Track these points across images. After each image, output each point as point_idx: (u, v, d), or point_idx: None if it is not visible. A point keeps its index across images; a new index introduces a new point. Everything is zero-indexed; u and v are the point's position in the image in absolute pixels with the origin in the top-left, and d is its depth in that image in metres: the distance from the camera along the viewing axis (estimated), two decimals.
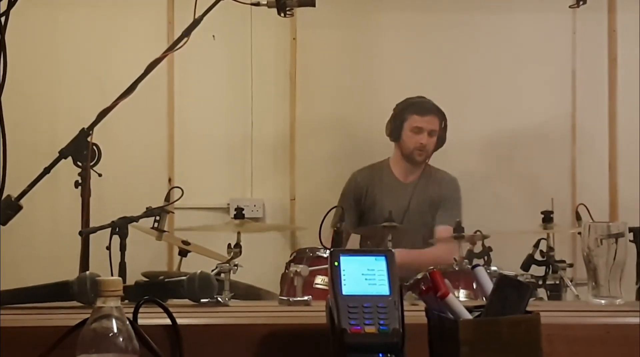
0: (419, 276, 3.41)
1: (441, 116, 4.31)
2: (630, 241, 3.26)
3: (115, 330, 1.39)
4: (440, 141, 4.33)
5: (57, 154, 3.03)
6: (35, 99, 4.69)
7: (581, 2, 3.74)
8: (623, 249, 2.18)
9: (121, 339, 1.39)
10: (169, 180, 4.75)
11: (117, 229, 3.13)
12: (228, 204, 4.75)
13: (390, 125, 4.34)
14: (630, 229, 3.32)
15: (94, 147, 3.07)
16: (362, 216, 4.36)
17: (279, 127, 4.86)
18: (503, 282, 1.55)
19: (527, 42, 4.86)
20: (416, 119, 4.28)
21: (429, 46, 4.89)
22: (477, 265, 1.64)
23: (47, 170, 2.99)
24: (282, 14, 3.27)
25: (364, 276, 1.54)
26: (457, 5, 4.87)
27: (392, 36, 4.90)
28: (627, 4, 4.83)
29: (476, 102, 4.83)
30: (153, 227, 3.38)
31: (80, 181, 3.07)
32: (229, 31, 4.76)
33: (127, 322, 1.41)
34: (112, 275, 3.11)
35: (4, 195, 1.55)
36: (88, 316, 1.42)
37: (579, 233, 2.26)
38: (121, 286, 1.42)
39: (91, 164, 3.07)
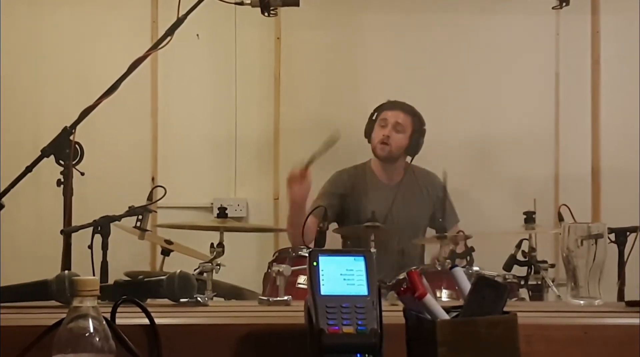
0: (401, 277, 3.42)
1: (416, 119, 4.24)
2: (612, 241, 3.29)
3: (92, 330, 1.39)
4: (414, 145, 4.24)
5: (40, 153, 3.02)
6: (18, 97, 4.66)
7: (564, 4, 3.74)
8: (602, 249, 2.18)
9: (97, 339, 1.38)
10: (152, 179, 4.73)
11: (99, 228, 3.13)
12: (211, 204, 4.74)
13: (366, 127, 4.32)
14: (612, 230, 3.34)
15: (77, 145, 3.06)
16: (344, 216, 4.32)
17: (263, 127, 4.85)
18: (481, 282, 1.55)
19: (510, 43, 4.86)
20: (384, 113, 4.27)
21: (413, 47, 4.89)
22: (455, 265, 1.64)
23: (29, 168, 2.98)
24: (266, 14, 3.27)
25: (342, 276, 1.54)
26: (440, 6, 4.87)
27: (376, 37, 4.90)
28: (610, 5, 4.84)
29: (459, 103, 4.83)
30: (135, 226, 3.38)
31: (62, 180, 3.05)
32: (213, 30, 4.75)
33: (104, 322, 1.41)
34: (93, 274, 3.11)
35: None
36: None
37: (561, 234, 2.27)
38: (98, 285, 1.42)
39: (73, 162, 3.05)
